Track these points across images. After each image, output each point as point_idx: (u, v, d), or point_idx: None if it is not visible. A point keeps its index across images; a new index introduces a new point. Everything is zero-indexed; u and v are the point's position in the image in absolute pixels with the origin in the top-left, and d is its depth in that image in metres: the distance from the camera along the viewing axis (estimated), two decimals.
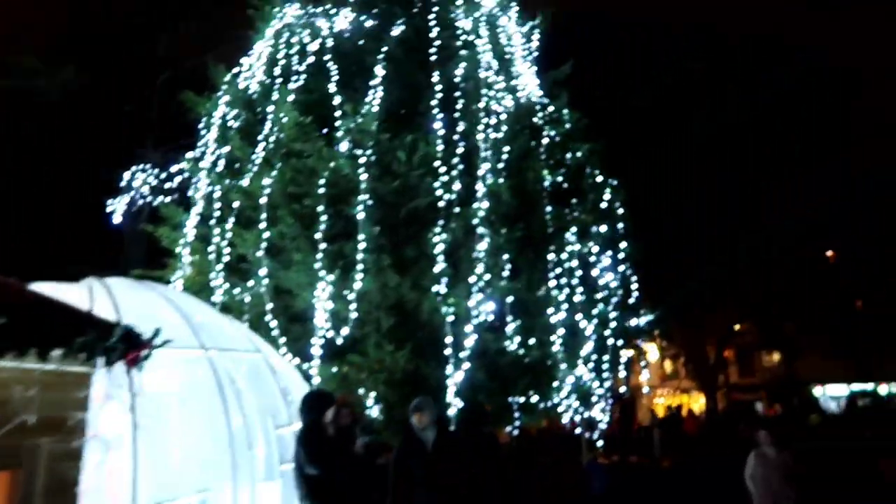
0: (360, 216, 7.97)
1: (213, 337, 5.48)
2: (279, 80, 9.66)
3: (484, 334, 8.67)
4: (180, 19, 14.11)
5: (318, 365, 8.52)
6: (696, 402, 34.15)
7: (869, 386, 35.66)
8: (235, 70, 10.18)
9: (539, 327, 8.87)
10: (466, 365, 7.81)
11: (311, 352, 8.13)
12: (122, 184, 10.28)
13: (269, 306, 8.55)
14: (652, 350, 37.64)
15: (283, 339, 8.52)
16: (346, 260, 8.10)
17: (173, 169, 10.09)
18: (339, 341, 8.08)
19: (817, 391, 37.81)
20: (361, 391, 9.09)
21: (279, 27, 10.18)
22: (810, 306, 26.07)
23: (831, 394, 36.94)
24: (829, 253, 25.64)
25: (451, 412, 8.92)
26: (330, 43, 9.74)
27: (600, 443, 11.49)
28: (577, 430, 12.22)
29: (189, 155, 10.19)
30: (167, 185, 10.28)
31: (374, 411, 9.10)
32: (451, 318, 8.06)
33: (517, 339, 8.70)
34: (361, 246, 7.90)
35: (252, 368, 5.73)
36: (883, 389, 33.91)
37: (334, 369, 8.75)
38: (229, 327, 6.00)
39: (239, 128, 9.61)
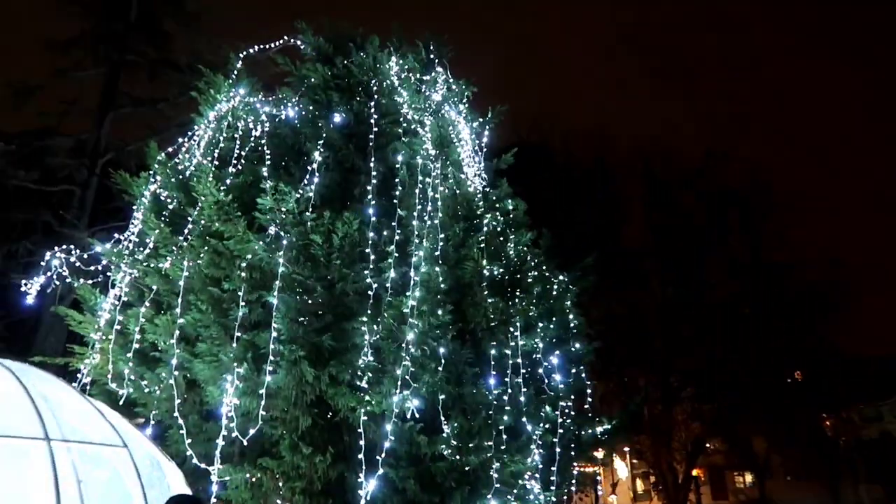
0: (275, 303, 7.16)
1: (64, 425, 4.52)
2: (214, 163, 9.13)
3: (416, 437, 7.68)
4: (129, 103, 13.82)
5: (229, 469, 7.42)
6: None
7: None
8: (171, 150, 9.65)
9: (478, 430, 7.89)
10: (380, 471, 6.78)
11: (218, 454, 7.06)
12: (42, 263, 9.45)
13: (178, 401, 7.55)
14: (622, 468, 36.17)
15: (189, 440, 7.48)
16: (260, 351, 7.21)
17: (98, 249, 9.29)
18: (246, 442, 7.02)
19: None
20: (278, 503, 7.94)
21: (223, 111, 9.75)
22: (779, 423, 25.14)
23: None
24: (797, 373, 25.05)
25: None
26: (268, 127, 9.29)
27: None
28: None
29: (117, 237, 9.45)
30: (91, 268, 9.45)
31: None
32: (365, 417, 7.12)
33: (453, 442, 7.71)
34: (275, 336, 7.04)
35: (111, 464, 4.72)
36: None
37: (246, 475, 7.65)
38: (94, 416, 5.03)
39: (167, 210, 8.93)
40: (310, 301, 7.66)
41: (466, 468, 7.89)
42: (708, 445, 28.60)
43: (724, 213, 26.37)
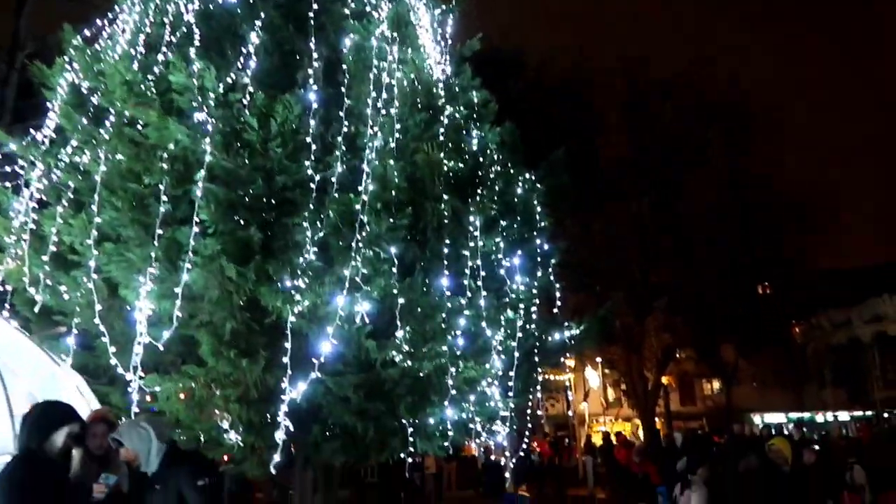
0: (199, 195, 6.24)
1: None
2: (140, 49, 7.98)
3: (364, 342, 6.96)
4: None
5: (156, 379, 6.69)
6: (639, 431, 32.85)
7: (806, 415, 35.06)
8: (90, 35, 8.42)
9: (433, 335, 7.18)
10: (317, 376, 6.07)
11: (138, 362, 6.30)
12: None
13: (99, 308, 6.72)
14: (593, 377, 36.52)
15: (114, 349, 6.71)
16: (186, 250, 6.34)
17: (13, 147, 8.21)
18: (162, 348, 6.25)
19: (756, 420, 36.90)
20: (217, 413, 7.27)
21: None
22: (748, 332, 25.05)
23: (769, 422, 35.98)
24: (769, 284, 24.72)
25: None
26: (199, 7, 8.09)
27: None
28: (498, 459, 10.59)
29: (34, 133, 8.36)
30: (7, 168, 8.41)
31: (232, 437, 7.28)
32: (299, 320, 6.38)
33: (405, 348, 7.01)
34: (198, 231, 6.15)
35: None
36: (819, 418, 33.03)
37: (178, 385, 6.93)
38: None
39: (88, 102, 7.81)
40: (243, 194, 6.74)
41: (419, 374, 7.24)
42: (678, 355, 28.70)
43: (704, 125, 25.41)
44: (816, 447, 10.31)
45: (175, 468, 4.94)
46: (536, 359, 8.83)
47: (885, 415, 18.09)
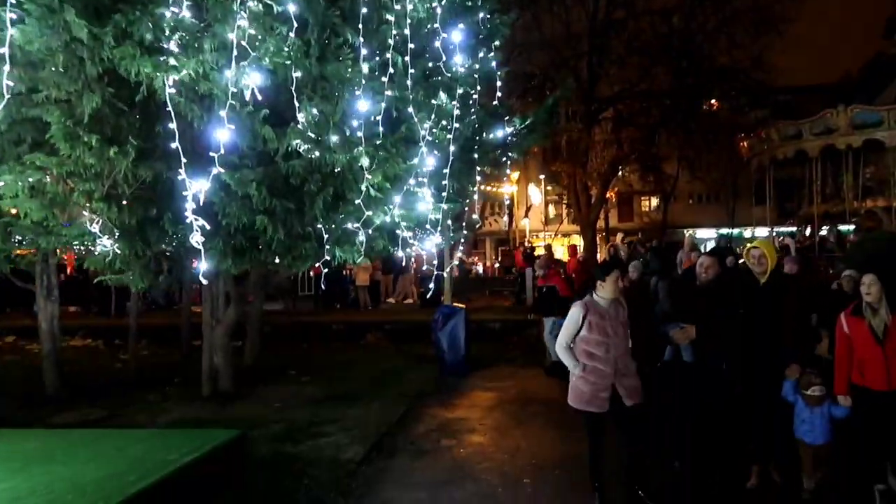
0: None
1: None
2: None
3: (260, 127, 5.54)
4: None
5: None
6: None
7: (735, 230, 36.04)
8: None
9: (343, 120, 5.79)
10: (213, 170, 4.67)
11: None
12: None
13: None
14: (535, 194, 36.18)
15: None
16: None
17: None
18: None
19: (686, 235, 37.75)
20: (86, 215, 5.91)
21: None
22: (696, 143, 24.32)
23: (700, 237, 36.87)
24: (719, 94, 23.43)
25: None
26: None
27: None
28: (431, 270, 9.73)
29: None
30: None
31: (106, 243, 5.99)
32: (176, 94, 4.86)
33: (311, 135, 5.63)
34: None
35: None
36: (747, 233, 33.84)
37: (28, 179, 5.47)
38: None
39: None
40: None
41: (332, 169, 5.95)
42: (620, 172, 28.14)
43: None
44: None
45: None
46: (475, 156, 7.62)
47: (809, 229, 18.04)
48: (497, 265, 32.27)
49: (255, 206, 5.82)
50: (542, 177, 34.24)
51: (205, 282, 6.22)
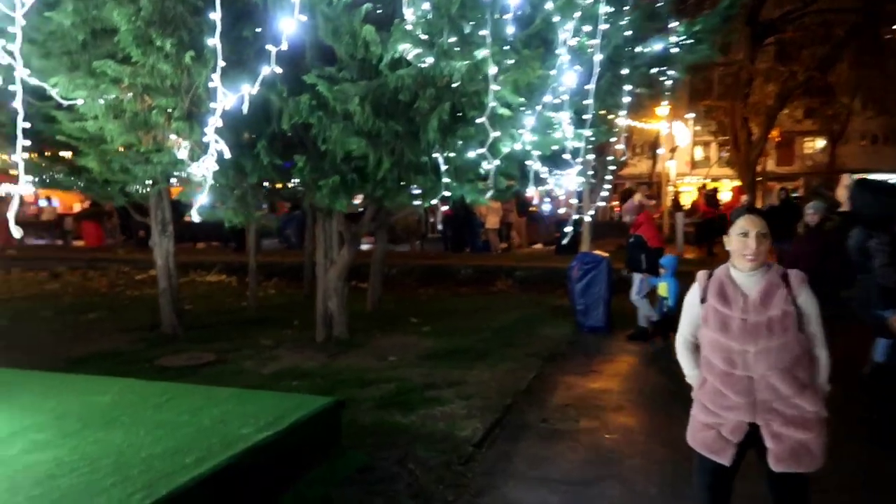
0: None
1: None
2: None
3: (361, 29, 4.43)
4: None
5: (66, 82, 4.51)
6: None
7: None
8: None
9: (460, 16, 4.52)
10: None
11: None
12: None
13: None
14: (683, 134, 32.95)
15: None
16: None
17: None
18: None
19: None
20: (173, 138, 5.15)
21: None
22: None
23: None
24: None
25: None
26: None
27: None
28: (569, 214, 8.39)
29: None
30: None
31: (196, 173, 5.21)
32: None
33: (421, 36, 4.45)
34: None
35: None
36: None
37: (95, 93, 4.74)
38: None
39: None
40: None
41: (449, 81, 4.74)
42: (785, 111, 24.60)
43: None
44: None
45: None
46: (624, 71, 6.09)
47: None
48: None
49: (357, 129, 4.77)
50: (689, 115, 31.01)
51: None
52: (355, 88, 4.63)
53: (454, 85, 4.77)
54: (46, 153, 8.07)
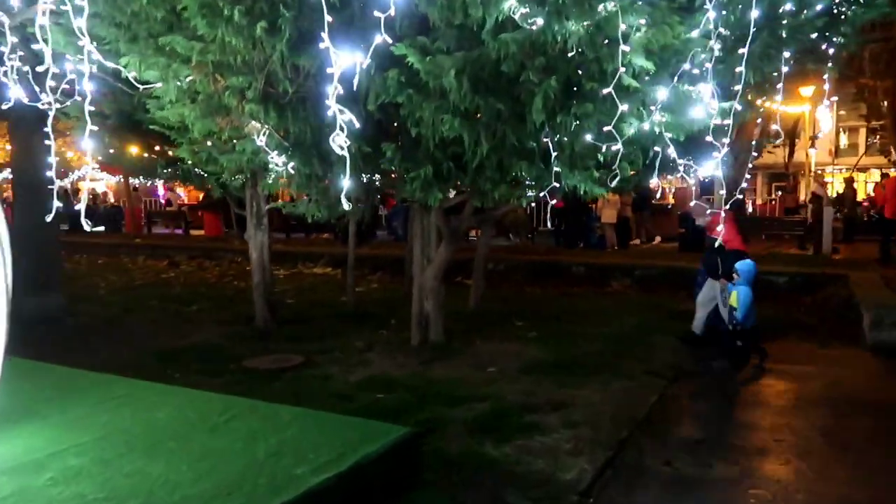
0: None
1: None
2: None
3: None
4: None
5: (133, 58, 4.09)
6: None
7: None
8: None
9: None
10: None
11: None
12: None
13: None
14: (826, 119, 29.77)
15: None
16: None
17: None
18: None
19: None
20: (253, 124, 4.65)
21: None
22: None
23: None
24: None
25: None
26: None
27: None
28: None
29: None
30: None
31: (278, 162, 4.68)
32: None
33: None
34: None
35: None
36: None
37: (166, 73, 4.29)
38: None
39: None
40: None
41: (564, 47, 3.90)
42: None
43: None
44: None
45: None
46: (782, 33, 4.96)
47: None
48: (774, 203, 27.32)
49: (452, 108, 4.04)
50: (831, 99, 27.84)
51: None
52: (451, 60, 3.90)
53: (570, 54, 3.92)
54: (155, 146, 8.02)
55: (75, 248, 17.54)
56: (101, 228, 21.96)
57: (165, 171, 7.03)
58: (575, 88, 4.08)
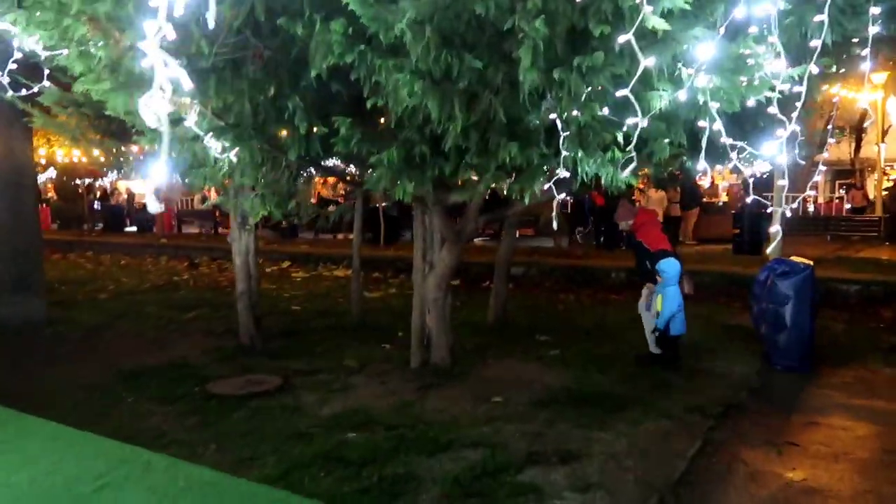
0: None
1: None
2: None
3: None
4: None
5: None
6: None
7: None
8: None
9: None
10: None
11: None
12: None
13: None
14: (895, 111, 27.38)
15: None
16: None
17: None
18: None
19: None
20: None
21: None
22: None
23: None
24: None
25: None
26: None
27: None
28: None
29: None
30: None
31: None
32: None
33: None
34: None
35: None
36: None
37: None
38: None
39: None
40: None
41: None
42: None
43: None
44: None
45: None
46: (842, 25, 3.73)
47: None
48: (839, 201, 25.20)
49: (415, 68, 3.00)
50: None
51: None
52: (411, 3, 2.88)
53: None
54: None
55: (104, 248, 17.24)
56: (134, 229, 21.73)
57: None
58: (580, 36, 2.97)
